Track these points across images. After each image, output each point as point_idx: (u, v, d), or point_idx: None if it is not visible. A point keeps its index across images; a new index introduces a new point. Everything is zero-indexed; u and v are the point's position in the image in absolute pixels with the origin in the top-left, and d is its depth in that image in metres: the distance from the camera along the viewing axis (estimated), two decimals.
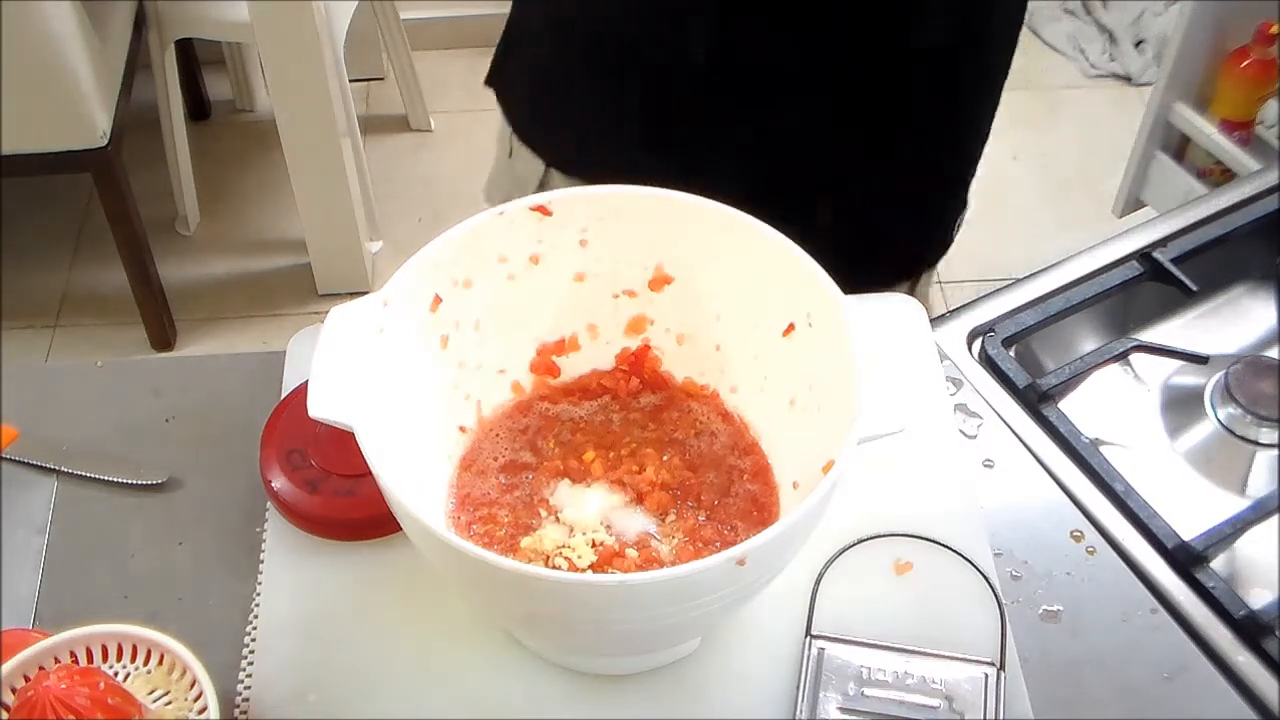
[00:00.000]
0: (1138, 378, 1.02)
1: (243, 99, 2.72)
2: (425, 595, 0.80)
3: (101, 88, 1.98)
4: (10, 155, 1.99)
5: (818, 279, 0.75)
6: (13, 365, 0.98)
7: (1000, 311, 1.00)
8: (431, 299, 0.78)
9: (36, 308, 2.36)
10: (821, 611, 0.79)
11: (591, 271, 0.83)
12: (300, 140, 2.13)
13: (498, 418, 0.84)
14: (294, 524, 0.83)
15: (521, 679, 0.77)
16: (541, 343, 0.85)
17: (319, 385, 0.69)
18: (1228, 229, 1.06)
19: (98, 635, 0.72)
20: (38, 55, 1.87)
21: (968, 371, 0.96)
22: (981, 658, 0.76)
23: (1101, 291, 1.02)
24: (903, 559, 0.82)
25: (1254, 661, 0.80)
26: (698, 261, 0.81)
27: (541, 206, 0.79)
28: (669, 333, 0.85)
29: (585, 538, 0.75)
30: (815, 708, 0.74)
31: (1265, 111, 2.04)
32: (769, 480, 0.80)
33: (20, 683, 0.69)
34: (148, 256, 2.21)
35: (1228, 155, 2.06)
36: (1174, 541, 0.85)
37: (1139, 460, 0.95)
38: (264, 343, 2.24)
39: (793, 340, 0.78)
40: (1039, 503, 0.88)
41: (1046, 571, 0.83)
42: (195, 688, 0.71)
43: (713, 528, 0.77)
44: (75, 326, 2.35)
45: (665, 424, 0.83)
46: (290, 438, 0.85)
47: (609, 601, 0.64)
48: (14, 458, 0.89)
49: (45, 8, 1.84)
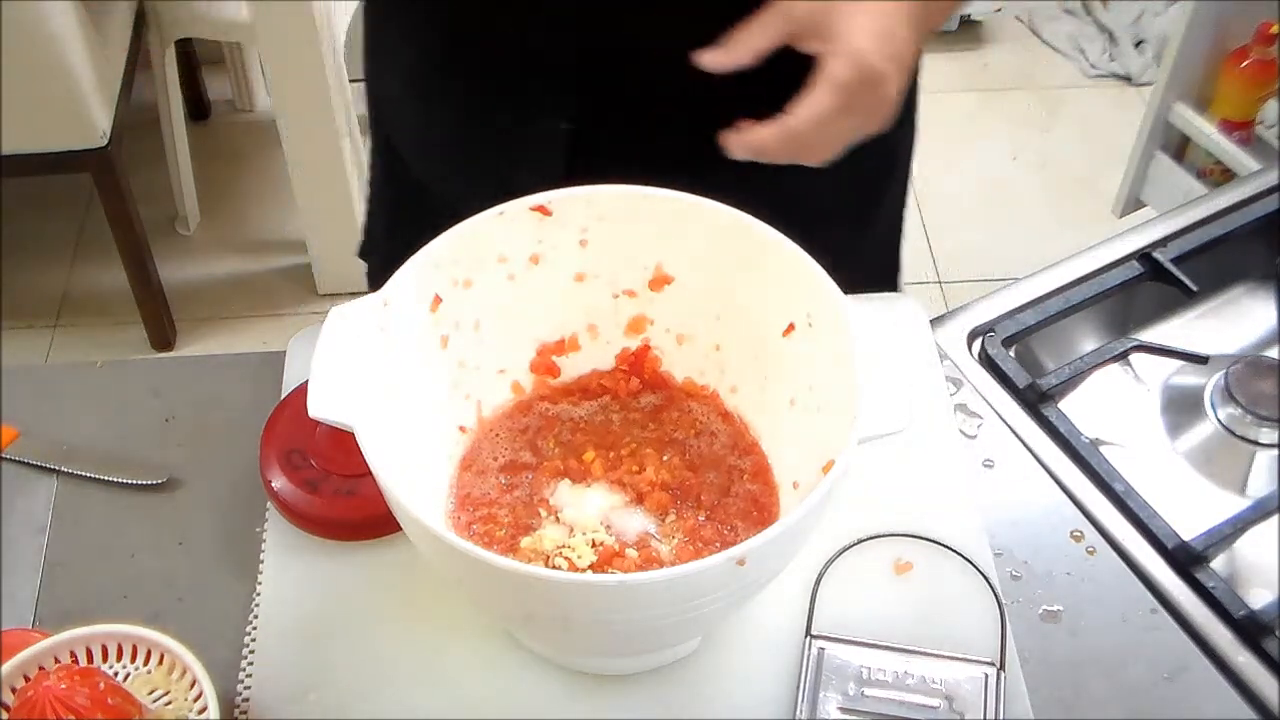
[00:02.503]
0: (1138, 378, 1.02)
1: (243, 99, 2.72)
2: (425, 595, 0.80)
3: (101, 88, 1.98)
4: (10, 155, 1.99)
5: (818, 279, 0.75)
6: (13, 365, 0.98)
7: (1000, 311, 1.00)
8: (431, 299, 0.78)
9: (36, 308, 2.36)
10: (821, 611, 0.79)
11: (591, 271, 0.83)
12: (300, 140, 2.13)
13: (498, 418, 0.84)
14: (294, 524, 0.83)
15: (521, 679, 0.77)
16: (541, 343, 0.85)
17: (319, 385, 0.69)
18: (1228, 229, 1.06)
19: (98, 635, 0.72)
20: (38, 55, 1.87)
21: (968, 371, 0.96)
22: (981, 658, 0.76)
23: (1101, 291, 1.02)
24: (903, 559, 0.82)
25: (1254, 661, 0.80)
26: (698, 261, 0.81)
27: (541, 206, 0.79)
28: (669, 333, 0.85)
29: (585, 538, 0.75)
30: (815, 708, 0.74)
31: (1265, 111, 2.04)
32: (769, 480, 0.80)
33: (20, 683, 0.69)
34: (148, 256, 2.21)
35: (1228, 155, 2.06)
36: (1174, 541, 0.85)
37: (1139, 460, 0.95)
38: (264, 343, 2.23)
39: (793, 340, 0.78)
40: (1039, 503, 0.88)
41: (1046, 571, 0.83)
42: (195, 688, 0.71)
43: (713, 528, 0.77)
44: (75, 326, 2.35)
45: (665, 424, 0.83)
46: (290, 438, 0.85)
47: (609, 601, 0.64)
48: (14, 458, 0.89)
49: (45, 8, 1.84)
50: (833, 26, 0.78)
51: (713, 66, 0.80)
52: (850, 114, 0.78)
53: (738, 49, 0.80)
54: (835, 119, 0.78)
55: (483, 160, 0.98)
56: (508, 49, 0.93)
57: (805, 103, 0.78)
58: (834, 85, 0.77)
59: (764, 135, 0.78)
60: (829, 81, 0.78)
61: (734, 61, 0.80)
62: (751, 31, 0.81)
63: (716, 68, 0.80)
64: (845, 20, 0.79)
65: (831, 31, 0.78)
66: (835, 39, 0.78)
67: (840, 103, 0.77)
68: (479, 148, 0.98)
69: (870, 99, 0.79)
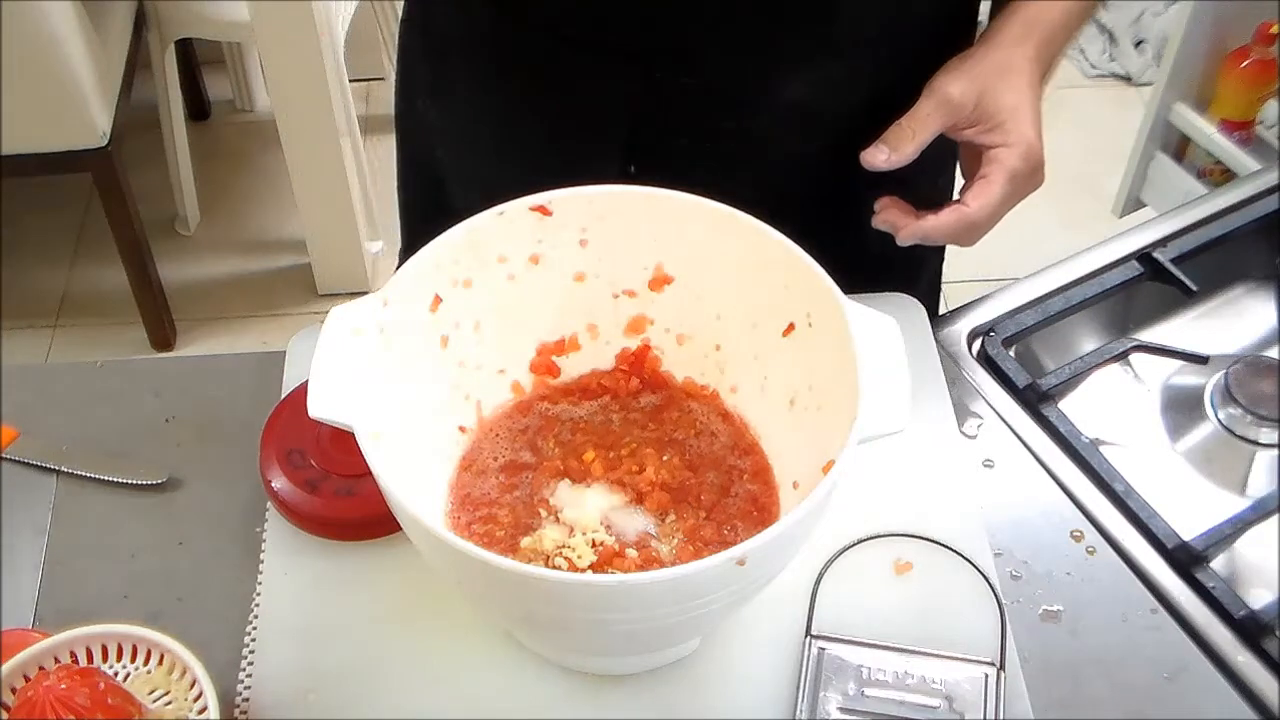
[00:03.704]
0: (1138, 378, 1.02)
1: (243, 99, 2.72)
2: (425, 595, 0.80)
3: (101, 88, 1.98)
4: (10, 155, 1.99)
5: (818, 279, 0.75)
6: (13, 365, 0.98)
7: (1000, 311, 1.00)
8: (431, 299, 0.78)
9: (36, 308, 2.36)
10: (821, 611, 0.79)
11: (591, 271, 0.83)
12: (300, 140, 2.13)
13: (498, 418, 0.84)
14: (294, 524, 0.83)
15: (521, 679, 0.77)
16: (541, 343, 0.85)
17: (319, 385, 0.69)
18: (1228, 229, 1.06)
19: (98, 635, 0.72)
20: (38, 55, 1.87)
21: (968, 371, 0.96)
22: (981, 658, 0.76)
23: (1101, 291, 1.02)
24: (903, 559, 0.82)
25: (1254, 661, 0.80)
26: (698, 261, 0.81)
27: (541, 206, 0.79)
28: (669, 333, 0.85)
29: (585, 538, 0.75)
30: (815, 708, 0.74)
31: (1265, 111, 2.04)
32: (769, 480, 0.80)
33: (20, 683, 0.69)
34: (148, 256, 2.21)
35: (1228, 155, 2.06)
36: (1174, 541, 0.85)
37: (1139, 460, 0.94)
38: (264, 343, 2.24)
39: (793, 340, 0.78)
40: (1039, 503, 0.88)
41: (1046, 571, 0.83)
42: (195, 688, 0.71)
43: (713, 528, 0.77)
44: (75, 326, 2.35)
45: (665, 424, 0.83)
46: (290, 438, 0.85)
47: (609, 601, 0.64)
48: (14, 458, 0.89)
49: (45, 8, 1.84)
50: (999, 116, 0.82)
51: (878, 164, 0.83)
52: (1012, 199, 0.82)
53: (903, 147, 0.83)
54: (1002, 206, 0.82)
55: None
56: (567, 98, 0.93)
57: (981, 193, 0.81)
58: (1009, 175, 0.81)
59: (940, 224, 0.82)
60: (1005, 172, 0.81)
61: (902, 159, 0.83)
62: (915, 127, 0.83)
63: (882, 166, 0.83)
64: (1009, 107, 0.82)
65: (998, 121, 0.82)
66: (1005, 130, 0.81)
67: (1011, 190, 0.81)
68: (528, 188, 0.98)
69: (1029, 184, 0.83)
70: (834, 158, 0.91)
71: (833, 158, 0.91)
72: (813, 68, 0.87)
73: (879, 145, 0.83)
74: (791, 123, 0.91)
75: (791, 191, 0.88)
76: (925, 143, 0.83)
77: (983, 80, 0.82)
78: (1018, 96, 0.82)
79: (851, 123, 0.88)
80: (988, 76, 0.83)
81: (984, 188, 0.82)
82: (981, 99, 0.82)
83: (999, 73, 0.83)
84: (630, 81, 0.90)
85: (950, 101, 0.82)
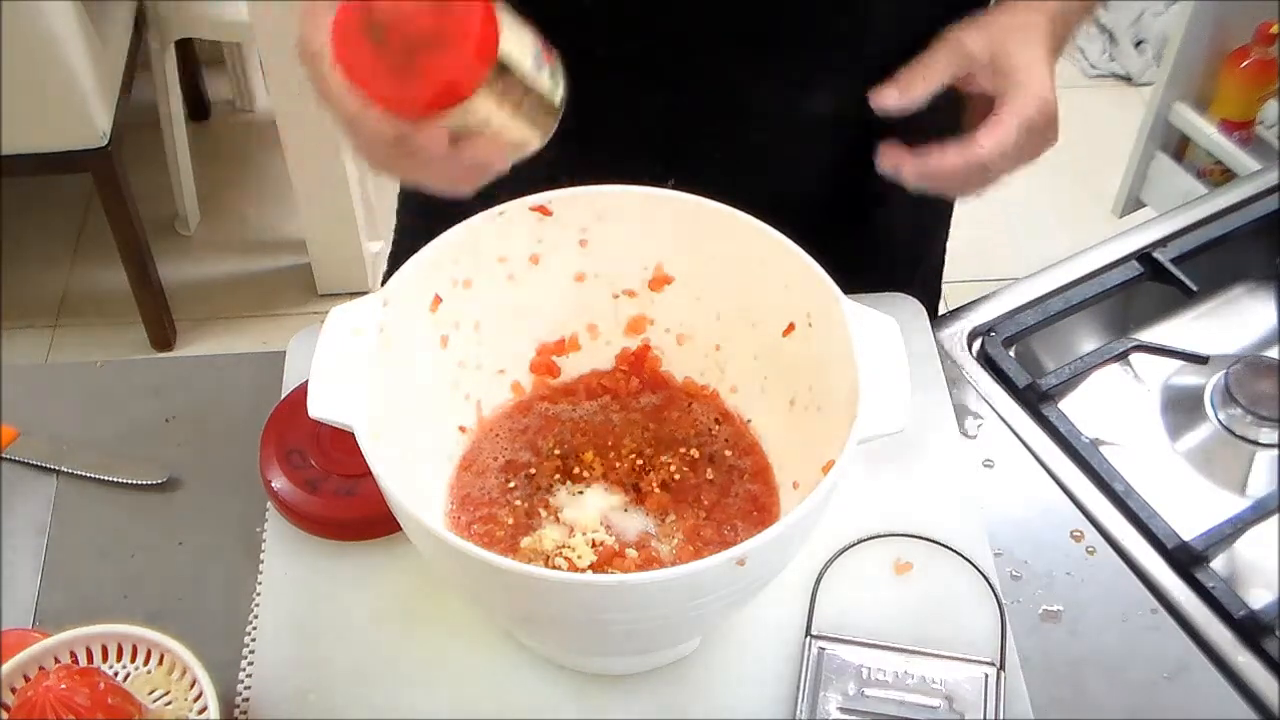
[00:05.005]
0: (1138, 378, 1.02)
1: (243, 99, 2.72)
2: (425, 595, 0.80)
3: (101, 88, 1.98)
4: (10, 155, 1.99)
5: (818, 279, 0.75)
6: (13, 365, 0.98)
7: (1000, 311, 1.00)
8: (431, 299, 0.78)
9: (36, 308, 2.36)
10: (821, 611, 0.79)
11: (591, 271, 0.83)
12: (300, 140, 2.13)
13: (498, 418, 0.84)
14: (294, 524, 0.83)
15: (521, 679, 0.77)
16: (541, 343, 0.85)
17: (319, 385, 0.69)
18: (1228, 229, 1.06)
19: (98, 635, 0.72)
20: (38, 55, 1.87)
21: (968, 371, 0.96)
22: (981, 658, 0.76)
23: (1101, 291, 1.02)
24: (903, 559, 0.82)
25: (1254, 661, 0.80)
26: (698, 261, 0.81)
27: (541, 206, 0.79)
28: (669, 333, 0.85)
29: (585, 538, 0.75)
30: (815, 708, 0.74)
31: (1265, 111, 2.04)
32: (769, 480, 0.80)
33: (20, 683, 0.69)
34: (148, 256, 2.21)
35: (1228, 155, 2.06)
36: (1174, 541, 0.85)
37: (1139, 460, 0.94)
38: (264, 343, 2.24)
39: (793, 340, 0.78)
40: (1039, 503, 0.88)
41: (1046, 571, 0.83)
42: (195, 688, 0.71)
43: (713, 528, 0.77)
44: (75, 326, 2.35)
45: (665, 424, 0.83)
46: (290, 438, 0.85)
47: (609, 601, 0.64)
48: (14, 458, 0.89)
49: (45, 8, 1.84)
50: (1015, 73, 0.80)
51: (888, 106, 0.81)
52: (1023, 151, 0.80)
53: (914, 89, 0.81)
54: (1014, 154, 0.79)
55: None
56: (598, 117, 0.93)
57: (994, 132, 0.79)
58: (1022, 121, 0.79)
59: (947, 163, 0.79)
60: (1018, 117, 0.79)
61: (910, 102, 0.81)
62: (928, 71, 0.81)
63: (892, 108, 0.81)
64: (1024, 64, 0.80)
65: (1013, 76, 0.80)
66: (1020, 84, 0.79)
67: (1021, 140, 0.79)
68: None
69: (1042, 140, 0.81)
70: (843, 160, 0.90)
71: (842, 160, 0.91)
72: (842, 84, 0.87)
73: (889, 86, 0.82)
74: (815, 133, 0.91)
75: (792, 191, 0.88)
76: (934, 88, 0.81)
77: (999, 35, 0.81)
78: (1033, 53, 0.81)
79: (868, 128, 0.87)
80: (1004, 31, 0.81)
81: (996, 127, 0.79)
82: (996, 53, 0.80)
83: (1015, 29, 0.82)
84: (660, 101, 0.89)
85: (964, 49, 0.81)
